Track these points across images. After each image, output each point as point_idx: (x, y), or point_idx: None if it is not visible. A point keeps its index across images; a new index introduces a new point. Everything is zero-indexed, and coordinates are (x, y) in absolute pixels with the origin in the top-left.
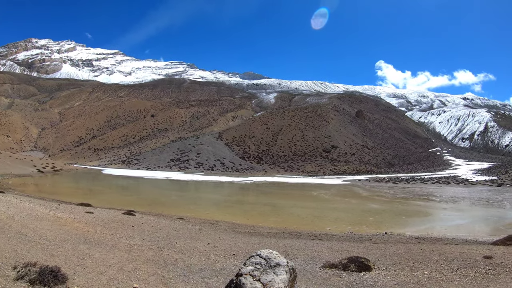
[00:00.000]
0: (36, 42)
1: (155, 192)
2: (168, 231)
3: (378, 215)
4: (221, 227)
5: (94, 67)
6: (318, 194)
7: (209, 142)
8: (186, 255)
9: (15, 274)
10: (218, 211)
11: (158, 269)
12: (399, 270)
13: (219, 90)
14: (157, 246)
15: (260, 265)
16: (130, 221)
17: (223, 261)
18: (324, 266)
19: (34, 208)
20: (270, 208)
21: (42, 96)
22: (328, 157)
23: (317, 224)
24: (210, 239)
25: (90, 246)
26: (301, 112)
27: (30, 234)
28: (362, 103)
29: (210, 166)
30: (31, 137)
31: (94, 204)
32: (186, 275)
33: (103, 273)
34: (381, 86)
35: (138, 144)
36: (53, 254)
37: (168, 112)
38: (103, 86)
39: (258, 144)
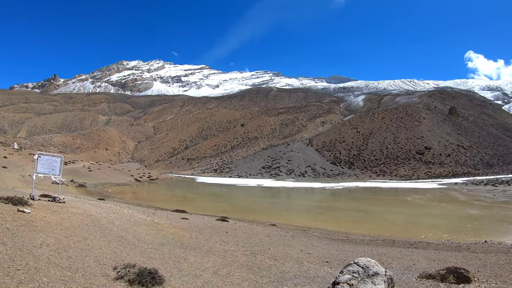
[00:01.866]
0: (127, 64)
1: (247, 199)
2: (261, 237)
3: (476, 221)
4: (314, 234)
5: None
6: (412, 199)
7: (299, 149)
8: (279, 262)
9: (115, 274)
10: (310, 217)
11: (252, 274)
12: (501, 283)
13: (306, 96)
14: (251, 252)
15: (357, 274)
16: (223, 227)
17: (317, 269)
18: (421, 276)
19: (133, 214)
20: (362, 215)
21: (136, 112)
22: (422, 159)
23: (412, 231)
24: (302, 246)
25: (185, 250)
26: (391, 113)
27: (129, 237)
28: (455, 99)
29: (301, 172)
30: (128, 150)
31: (189, 211)
32: (280, 281)
33: (198, 277)
34: (473, 79)
35: (230, 153)
36: (151, 257)
37: (257, 121)
38: (193, 100)
39: (348, 148)
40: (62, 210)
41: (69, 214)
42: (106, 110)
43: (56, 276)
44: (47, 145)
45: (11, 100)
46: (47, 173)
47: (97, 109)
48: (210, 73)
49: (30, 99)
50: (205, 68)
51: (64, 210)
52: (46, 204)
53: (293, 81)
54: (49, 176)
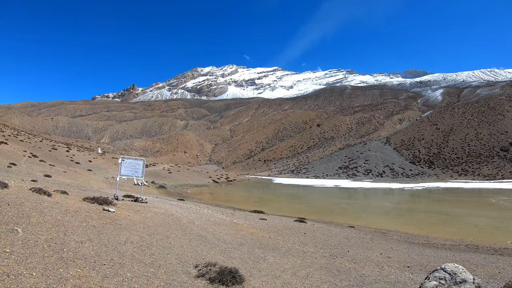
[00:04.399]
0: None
1: (324, 200)
2: (339, 239)
3: None
4: (393, 237)
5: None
6: (497, 201)
7: (377, 148)
8: (359, 265)
9: (196, 272)
10: (388, 219)
11: (331, 277)
12: None
13: (381, 92)
14: (329, 254)
15: (444, 280)
16: (301, 228)
17: (397, 274)
18: (507, 286)
19: (212, 214)
20: (443, 217)
21: (212, 116)
22: (507, 157)
23: (497, 237)
24: (382, 249)
25: (264, 250)
26: (472, 107)
27: (209, 237)
28: None
29: (378, 172)
30: (206, 152)
31: (266, 212)
32: (359, 285)
33: (277, 277)
34: None
35: (306, 153)
36: (231, 256)
37: (333, 120)
38: (268, 102)
39: (428, 146)
40: (145, 209)
41: (151, 213)
42: (183, 115)
43: (140, 271)
44: (129, 149)
45: (94, 109)
46: (130, 175)
47: (175, 114)
48: (283, 75)
49: (111, 107)
50: (278, 70)
51: (147, 210)
52: (129, 204)
53: (367, 78)
54: (132, 178)
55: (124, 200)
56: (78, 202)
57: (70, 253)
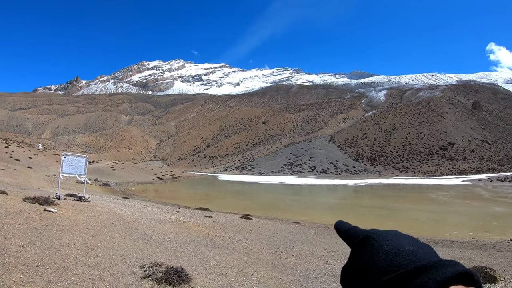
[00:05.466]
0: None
1: (269, 197)
2: (285, 235)
3: (502, 219)
4: None
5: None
6: (436, 196)
7: (321, 145)
8: (304, 260)
9: (142, 273)
10: (333, 215)
11: (277, 272)
12: None
13: (327, 92)
14: (275, 249)
15: None
16: (247, 225)
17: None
18: None
19: (157, 212)
20: (385, 212)
21: (158, 112)
22: (445, 155)
23: (436, 229)
24: (327, 244)
25: (210, 248)
26: (414, 108)
27: (154, 236)
28: (478, 92)
29: (323, 169)
30: (151, 149)
31: (212, 209)
32: (305, 279)
33: (224, 275)
34: (496, 72)
35: (251, 150)
36: (177, 255)
37: (279, 118)
38: (214, 98)
39: (371, 145)
40: (88, 209)
41: (94, 213)
42: (128, 110)
43: (85, 275)
44: (71, 145)
45: (35, 102)
46: (72, 173)
47: (119, 109)
48: (230, 71)
49: (53, 101)
50: (225, 66)
51: (90, 209)
52: (72, 204)
53: (313, 78)
54: (74, 175)
55: (66, 199)
56: (18, 202)
57: (11, 258)
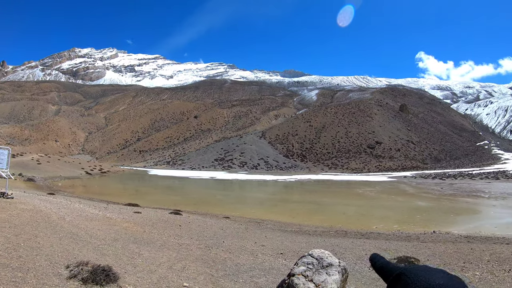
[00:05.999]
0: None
1: (200, 192)
2: (215, 230)
3: (425, 213)
4: (267, 226)
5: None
6: (364, 191)
7: (253, 141)
8: (234, 254)
9: (68, 273)
10: (263, 210)
11: (207, 268)
12: (450, 271)
13: (260, 89)
14: (205, 245)
15: (312, 265)
16: (177, 220)
17: (271, 260)
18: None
19: (84, 209)
20: (315, 207)
21: (87, 102)
22: (373, 153)
23: (364, 223)
24: (257, 238)
25: (139, 245)
26: (344, 108)
27: (81, 234)
28: (406, 96)
29: (254, 165)
30: (79, 141)
31: (142, 204)
32: (235, 274)
33: (153, 272)
34: (424, 78)
35: (182, 145)
36: (104, 253)
37: (211, 113)
38: (146, 90)
39: (301, 142)
40: (11, 206)
41: (18, 210)
42: (56, 99)
43: (7, 277)
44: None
45: None
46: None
47: (47, 98)
48: (164, 63)
49: None
50: (160, 58)
51: (13, 207)
52: None
53: (247, 74)
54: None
55: None
56: None
57: None
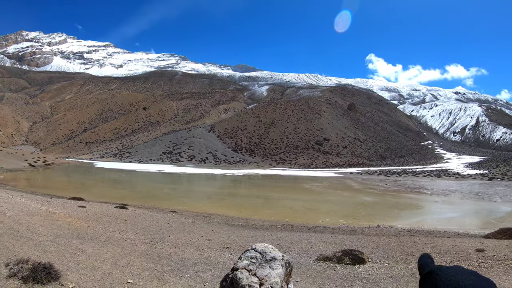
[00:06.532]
0: (26, 35)
1: (147, 185)
2: (161, 225)
3: (370, 207)
4: (214, 220)
5: (85, 59)
6: (311, 186)
7: (201, 135)
8: (180, 249)
9: (7, 272)
10: (211, 204)
11: (152, 263)
12: (393, 263)
13: (211, 82)
14: (151, 240)
15: (255, 259)
16: (123, 214)
17: (217, 255)
18: (318, 259)
19: (26, 203)
20: (262, 201)
21: (33, 90)
22: (320, 149)
23: (310, 217)
24: (203, 232)
25: (83, 241)
26: (294, 104)
27: (22, 229)
28: (355, 96)
29: (202, 158)
30: (22, 131)
31: (87, 198)
32: (180, 269)
33: (96, 269)
34: (373, 80)
35: (130, 137)
36: (46, 250)
37: (160, 105)
38: (95, 79)
39: (250, 136)
40: None
41: None
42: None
43: None
44: None
45: None
46: None
47: None
48: (114, 52)
49: None
50: (110, 46)
51: None
52: None
53: (199, 67)
54: None
55: None
56: None
57: None
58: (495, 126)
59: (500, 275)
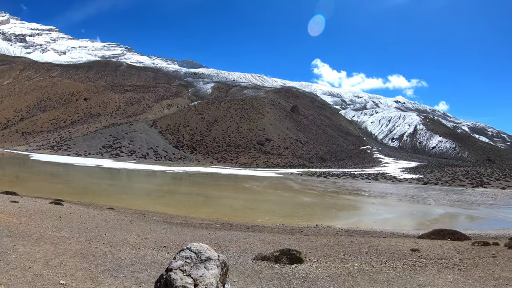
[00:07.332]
0: None
1: (85, 180)
2: (97, 222)
3: (309, 208)
4: (153, 218)
5: (27, 43)
6: (251, 186)
7: (143, 130)
8: (116, 248)
9: None
10: (150, 201)
11: (86, 263)
12: (330, 262)
13: (156, 76)
14: (85, 238)
15: (190, 259)
16: (57, 211)
17: (154, 254)
18: (256, 258)
19: None
20: (202, 199)
21: None
22: (262, 149)
23: (249, 216)
24: (140, 231)
25: (14, 239)
26: (237, 103)
27: None
28: (298, 98)
29: (142, 154)
30: None
31: (20, 193)
32: (115, 269)
33: (27, 269)
34: (317, 84)
35: (69, 128)
36: None
37: (102, 96)
38: (35, 64)
39: (192, 133)
40: None
41: None
42: None
43: None
44: None
45: None
46: None
47: None
48: (58, 37)
49: None
50: (54, 30)
51: None
52: None
53: (145, 59)
54: None
55: None
56: None
57: None
58: (431, 135)
59: (434, 273)
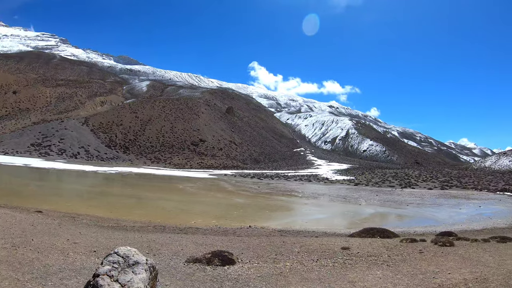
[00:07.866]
0: None
1: (11, 181)
2: (24, 227)
3: (242, 209)
4: (83, 221)
5: None
6: (184, 187)
7: (74, 127)
8: (43, 254)
9: None
10: (80, 203)
11: (12, 271)
12: (262, 263)
13: (90, 71)
14: (11, 244)
15: (118, 264)
16: None
17: (83, 259)
18: (188, 261)
19: None
20: (135, 201)
21: None
22: (196, 150)
23: (183, 218)
24: (70, 235)
25: None
26: (172, 103)
27: None
28: (234, 100)
29: (73, 153)
30: None
31: None
32: (43, 277)
33: None
34: (253, 86)
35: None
36: None
37: (33, 90)
38: None
39: (125, 132)
40: None
41: None
42: None
43: None
44: None
45: None
46: None
47: None
48: None
49: None
50: None
51: None
52: None
53: (80, 52)
54: None
55: None
56: None
57: None
58: (363, 139)
59: (364, 270)
